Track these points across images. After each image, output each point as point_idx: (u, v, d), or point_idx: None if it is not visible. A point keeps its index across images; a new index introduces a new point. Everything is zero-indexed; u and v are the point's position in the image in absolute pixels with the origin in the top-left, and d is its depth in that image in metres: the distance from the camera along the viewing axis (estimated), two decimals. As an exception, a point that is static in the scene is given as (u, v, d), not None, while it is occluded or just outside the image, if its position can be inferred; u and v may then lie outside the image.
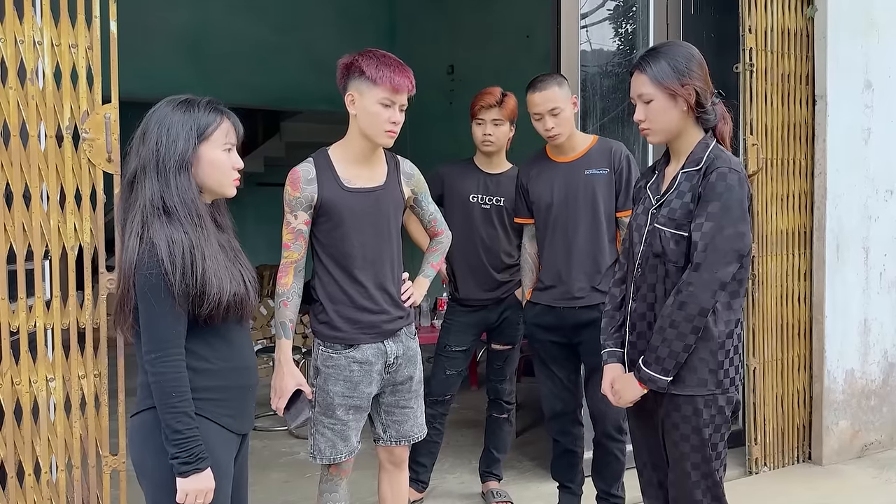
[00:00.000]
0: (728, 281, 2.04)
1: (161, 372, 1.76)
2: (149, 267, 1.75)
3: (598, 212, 2.96)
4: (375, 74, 2.31)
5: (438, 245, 2.77)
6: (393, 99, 2.33)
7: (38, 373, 2.43)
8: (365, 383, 2.45)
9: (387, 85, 2.31)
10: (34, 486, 2.44)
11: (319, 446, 2.46)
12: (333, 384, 2.43)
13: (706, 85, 2.15)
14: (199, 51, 7.90)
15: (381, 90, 2.31)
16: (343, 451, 2.47)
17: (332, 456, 2.46)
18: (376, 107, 2.33)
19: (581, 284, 2.96)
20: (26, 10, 2.37)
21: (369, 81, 2.32)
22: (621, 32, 4.14)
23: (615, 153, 3.00)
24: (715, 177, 2.04)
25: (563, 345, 3.04)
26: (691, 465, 2.13)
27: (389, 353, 2.48)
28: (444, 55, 7.69)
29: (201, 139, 1.86)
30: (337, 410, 2.43)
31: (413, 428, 2.60)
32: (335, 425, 2.44)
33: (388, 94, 2.32)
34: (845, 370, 4.06)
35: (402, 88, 2.34)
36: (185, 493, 1.76)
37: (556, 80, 3.00)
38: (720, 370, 2.09)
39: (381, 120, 2.34)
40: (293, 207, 2.39)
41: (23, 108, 2.38)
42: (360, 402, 2.46)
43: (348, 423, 2.46)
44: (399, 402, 2.56)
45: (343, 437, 2.46)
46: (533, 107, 2.97)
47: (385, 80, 2.30)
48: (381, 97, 2.32)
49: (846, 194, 4.02)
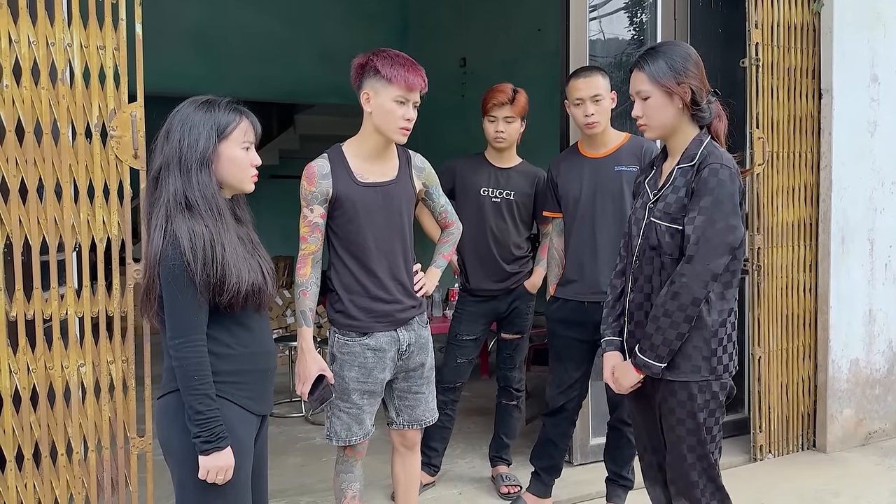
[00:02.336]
0: (720, 272, 2.13)
1: (184, 357, 1.87)
2: (172, 258, 1.86)
3: (624, 208, 2.97)
4: (390, 73, 2.40)
5: (449, 236, 2.86)
6: (407, 97, 2.43)
7: (69, 358, 2.56)
8: (378, 369, 2.56)
9: (401, 83, 2.40)
10: (66, 466, 2.57)
11: (336, 429, 2.58)
12: (349, 370, 2.54)
13: (702, 84, 2.23)
14: (213, 46, 8.01)
15: (396, 88, 2.40)
16: (358, 433, 2.58)
17: (347, 438, 2.57)
18: (391, 104, 2.42)
19: (606, 280, 2.94)
20: (57, 14, 2.49)
21: (384, 80, 2.41)
22: (631, 25, 4.21)
23: (646, 151, 3.02)
24: (707, 172, 2.13)
25: (582, 342, 3.06)
26: (687, 448, 2.23)
27: (402, 340, 2.58)
28: (456, 49, 7.77)
29: (221, 137, 1.97)
30: (352, 395, 2.55)
31: (425, 413, 2.71)
32: (350, 409, 2.56)
33: (403, 92, 2.41)
34: (850, 360, 4.14)
35: (415, 86, 2.43)
36: (206, 470, 1.88)
37: (600, 71, 3.07)
38: (713, 357, 2.18)
39: (396, 117, 2.43)
40: (309, 201, 2.50)
41: (54, 107, 2.50)
42: (374, 387, 2.57)
43: (363, 407, 2.57)
44: (411, 387, 2.66)
45: (358, 421, 2.57)
46: (576, 91, 3.02)
47: (399, 79, 2.40)
48: (396, 95, 2.41)
49: (851, 187, 4.08)
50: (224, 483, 1.92)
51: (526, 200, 3.48)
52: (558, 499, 3.45)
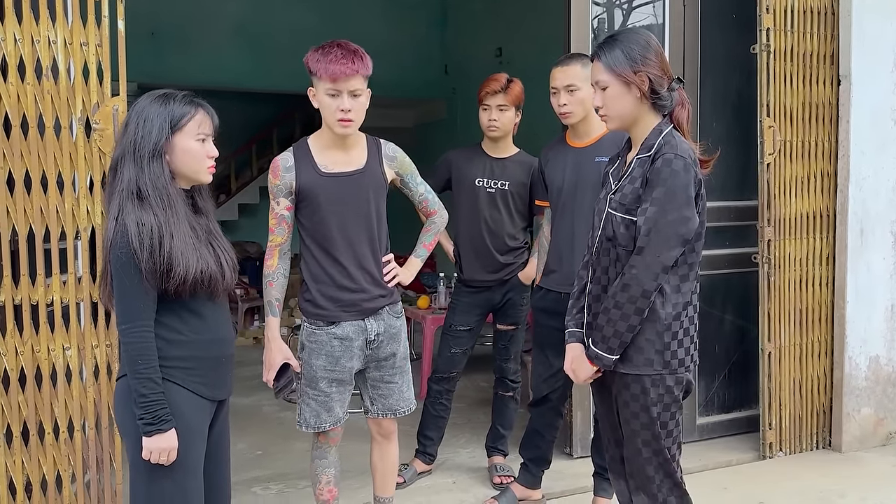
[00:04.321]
0: (671, 264, 2.09)
1: (129, 342, 1.94)
2: (120, 246, 1.93)
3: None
4: (316, 68, 2.43)
5: (431, 225, 2.86)
6: (337, 88, 2.42)
7: (55, 342, 2.68)
8: (346, 358, 2.59)
9: (325, 76, 2.41)
10: (53, 445, 2.70)
11: (305, 415, 2.63)
12: (316, 358, 2.59)
13: (662, 72, 2.18)
14: (256, 41, 8.19)
15: (325, 81, 2.43)
16: (327, 420, 2.62)
17: (316, 425, 2.62)
18: (325, 98, 2.45)
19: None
20: (42, 12, 2.59)
21: (315, 76, 2.46)
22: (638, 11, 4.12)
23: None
24: (661, 163, 2.09)
25: (562, 332, 3.06)
26: (642, 442, 2.20)
27: (370, 330, 2.61)
28: (492, 38, 7.75)
29: (175, 129, 2.02)
30: (320, 383, 2.59)
31: (399, 402, 2.72)
32: (318, 396, 2.60)
33: (331, 84, 2.42)
34: (869, 356, 3.98)
35: (339, 76, 2.39)
36: (149, 451, 1.95)
37: (581, 59, 3.00)
38: (667, 351, 2.14)
39: (332, 110, 2.44)
40: (275, 194, 2.55)
41: (39, 101, 2.61)
42: (342, 375, 2.61)
43: (331, 395, 2.61)
44: (384, 377, 2.69)
45: (326, 408, 2.61)
46: (552, 80, 3.01)
47: (323, 72, 2.41)
48: (327, 88, 2.43)
49: (872, 177, 3.91)
50: (171, 464, 1.99)
51: (521, 191, 3.45)
52: (553, 490, 3.44)
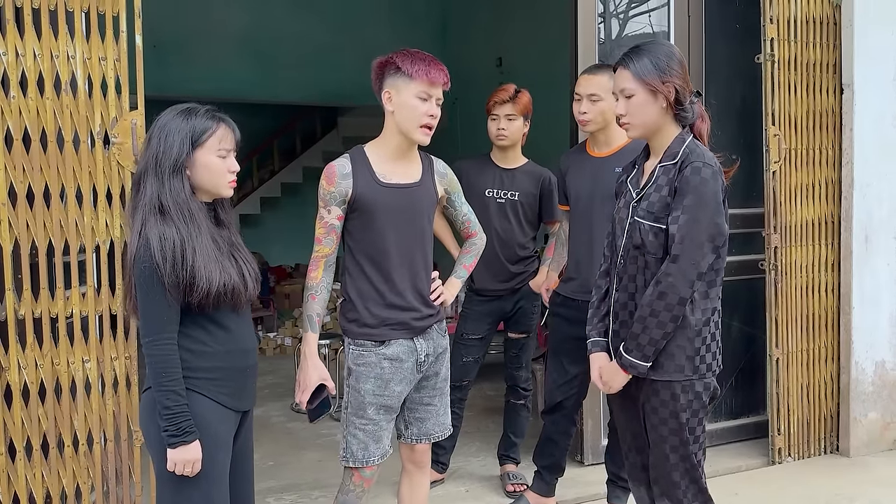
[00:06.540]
0: (704, 271, 2.13)
1: (153, 354, 1.96)
2: (143, 260, 1.95)
3: None
4: (412, 69, 2.35)
5: (472, 247, 2.75)
6: (430, 92, 2.37)
7: (75, 355, 2.69)
8: (396, 381, 2.44)
9: (423, 78, 2.35)
10: (72, 457, 2.71)
11: (352, 449, 2.44)
12: (364, 382, 2.42)
13: (685, 83, 2.23)
14: (261, 52, 8.23)
15: (418, 84, 2.35)
16: (375, 452, 2.43)
17: (364, 458, 2.43)
18: (414, 101, 2.36)
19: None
20: (60, 28, 2.62)
21: (406, 77, 2.36)
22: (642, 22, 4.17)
23: None
24: (690, 171, 2.13)
25: (578, 339, 3.01)
26: (670, 448, 2.22)
27: (420, 350, 2.48)
28: (492, 49, 7.80)
29: (196, 145, 2.05)
30: (368, 409, 2.42)
31: (435, 427, 2.58)
32: (367, 426, 2.42)
33: (425, 87, 2.36)
34: (875, 361, 4.01)
35: (437, 81, 2.37)
36: (173, 462, 1.97)
37: (609, 71, 2.93)
38: (696, 356, 2.18)
39: (419, 113, 2.37)
40: (327, 202, 2.41)
41: (58, 116, 2.63)
42: (390, 401, 2.44)
43: (380, 423, 2.44)
44: (423, 398, 2.55)
45: (375, 438, 2.43)
46: (577, 86, 3.06)
47: (421, 74, 2.34)
48: (419, 91, 2.36)
49: (875, 183, 3.96)
50: (197, 475, 2.01)
51: (531, 201, 3.49)
52: (566, 498, 3.46)
